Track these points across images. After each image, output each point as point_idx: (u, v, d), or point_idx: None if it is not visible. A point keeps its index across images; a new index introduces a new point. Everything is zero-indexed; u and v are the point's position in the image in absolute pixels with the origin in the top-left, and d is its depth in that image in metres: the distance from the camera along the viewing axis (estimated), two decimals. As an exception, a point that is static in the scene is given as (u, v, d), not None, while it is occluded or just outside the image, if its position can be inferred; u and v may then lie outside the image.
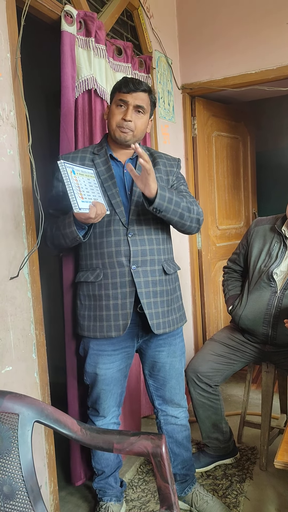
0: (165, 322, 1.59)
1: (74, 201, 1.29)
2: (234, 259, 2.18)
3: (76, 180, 1.34)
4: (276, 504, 1.82)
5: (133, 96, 1.52)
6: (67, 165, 1.32)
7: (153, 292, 1.56)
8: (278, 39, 2.56)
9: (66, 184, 1.30)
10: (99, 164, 1.58)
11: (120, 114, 1.53)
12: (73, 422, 1.19)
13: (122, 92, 1.52)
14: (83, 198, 1.33)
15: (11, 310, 1.46)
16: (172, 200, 1.47)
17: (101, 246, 1.56)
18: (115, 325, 1.55)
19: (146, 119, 1.58)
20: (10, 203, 1.45)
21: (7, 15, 1.44)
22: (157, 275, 1.57)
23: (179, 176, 1.70)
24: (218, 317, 3.27)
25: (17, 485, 1.11)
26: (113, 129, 1.55)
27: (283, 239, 1.93)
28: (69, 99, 1.79)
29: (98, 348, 1.62)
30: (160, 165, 1.64)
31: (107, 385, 1.64)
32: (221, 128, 3.23)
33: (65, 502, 1.90)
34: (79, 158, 1.59)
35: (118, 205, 1.54)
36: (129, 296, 1.54)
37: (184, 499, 1.81)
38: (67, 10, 1.73)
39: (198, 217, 1.59)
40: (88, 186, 1.39)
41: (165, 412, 1.74)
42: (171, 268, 1.64)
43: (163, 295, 1.59)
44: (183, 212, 1.52)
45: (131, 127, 1.53)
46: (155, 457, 1.11)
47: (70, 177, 1.31)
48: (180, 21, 2.84)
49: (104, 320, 1.57)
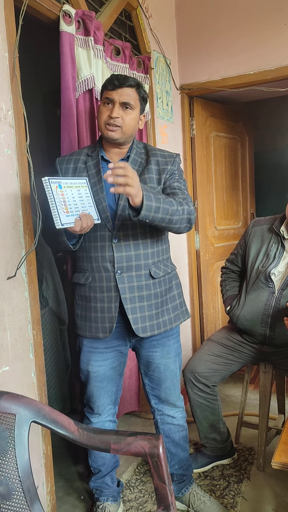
0: (152, 325, 1.58)
1: (57, 217, 1.31)
2: (232, 260, 2.18)
3: (62, 194, 1.35)
4: (274, 504, 1.82)
5: (119, 93, 1.49)
6: (52, 181, 1.33)
7: (139, 297, 1.56)
8: (277, 40, 2.56)
9: (49, 200, 1.31)
10: (90, 167, 1.57)
11: (107, 112, 1.50)
12: (70, 422, 1.19)
13: (108, 89, 1.50)
14: (69, 212, 1.35)
15: (8, 310, 1.45)
16: (159, 208, 1.38)
17: (89, 250, 1.57)
18: (102, 327, 1.58)
19: (136, 115, 1.54)
20: (7, 203, 1.45)
21: (5, 15, 1.43)
22: (143, 279, 1.56)
23: (175, 173, 1.62)
24: (216, 317, 3.27)
25: (14, 486, 1.11)
26: (102, 128, 1.53)
27: (281, 239, 1.93)
28: (70, 99, 1.79)
29: (90, 345, 1.64)
30: (152, 164, 1.59)
31: (100, 382, 1.65)
32: (219, 129, 3.23)
33: (62, 503, 1.89)
34: (73, 161, 1.59)
35: (104, 211, 1.52)
36: (114, 301, 1.55)
37: (182, 499, 1.81)
38: (66, 9, 1.73)
39: (189, 216, 1.52)
40: (77, 198, 1.40)
41: (161, 412, 1.74)
42: (161, 270, 1.60)
43: (150, 298, 1.58)
44: (172, 218, 1.44)
45: (118, 122, 1.49)
46: (152, 457, 1.11)
47: (55, 193, 1.32)
48: (179, 21, 2.84)
49: (92, 321, 1.60)
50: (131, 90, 1.51)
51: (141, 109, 1.57)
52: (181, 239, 2.89)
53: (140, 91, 1.54)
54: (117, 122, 1.49)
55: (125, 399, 2.43)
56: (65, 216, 1.33)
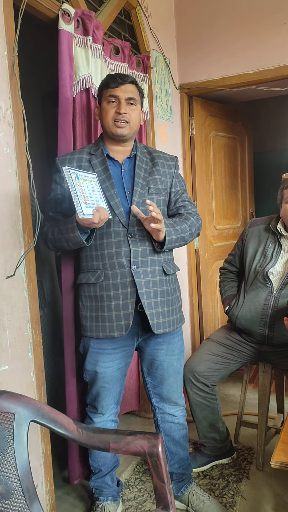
0: (165, 322, 1.59)
1: (79, 207, 1.30)
2: (230, 260, 2.18)
3: (80, 185, 1.35)
4: (273, 503, 1.82)
5: (122, 90, 1.53)
6: (71, 171, 1.33)
7: (154, 292, 1.56)
8: (276, 40, 2.56)
9: (71, 190, 1.31)
10: (96, 165, 1.58)
11: (113, 109, 1.53)
12: (69, 421, 1.19)
13: (110, 87, 1.53)
14: (87, 203, 1.34)
15: (7, 309, 1.45)
16: (178, 239, 1.56)
17: (102, 248, 1.56)
18: (117, 325, 1.56)
19: (139, 110, 1.59)
20: (6, 202, 1.44)
21: (4, 13, 1.43)
22: (157, 275, 1.58)
23: (180, 180, 1.70)
24: (215, 316, 3.27)
25: (13, 485, 1.11)
26: (109, 126, 1.55)
27: (278, 239, 1.93)
28: (67, 98, 1.79)
29: (98, 346, 1.63)
30: (159, 166, 1.64)
31: (107, 383, 1.65)
32: (218, 128, 3.23)
33: (62, 502, 1.89)
34: (76, 159, 1.59)
35: (117, 206, 1.53)
36: (130, 297, 1.54)
37: (181, 498, 1.81)
38: (65, 8, 1.73)
39: (199, 231, 1.68)
40: (91, 191, 1.40)
41: (162, 410, 1.74)
42: (171, 268, 1.64)
43: (163, 295, 1.59)
44: (186, 241, 1.61)
45: (126, 118, 1.53)
46: (152, 456, 1.11)
47: (75, 183, 1.32)
48: (178, 20, 2.84)
49: (106, 321, 1.57)
50: (133, 86, 1.56)
51: (141, 104, 1.62)
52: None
53: (139, 87, 1.60)
54: (125, 117, 1.53)
55: (125, 399, 2.43)
56: (85, 207, 1.33)
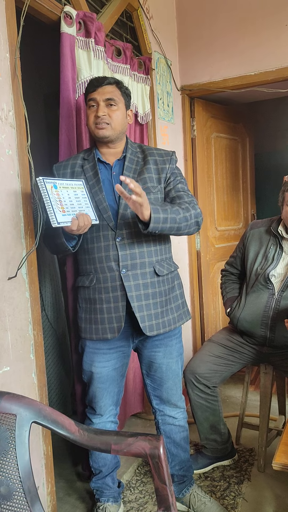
0: (159, 323, 1.59)
1: (52, 215, 1.33)
2: (231, 262, 2.18)
3: (58, 194, 1.38)
4: (274, 505, 1.82)
5: (100, 92, 1.53)
6: (46, 181, 1.36)
7: (145, 295, 1.56)
8: (277, 41, 2.56)
9: (45, 199, 1.34)
10: (87, 170, 1.59)
11: (94, 112, 1.54)
12: (70, 422, 1.19)
13: (89, 92, 1.55)
14: (65, 211, 1.37)
15: (9, 310, 1.45)
16: (167, 219, 1.43)
17: (92, 252, 1.58)
18: (109, 327, 1.58)
19: (121, 110, 1.57)
20: (8, 203, 1.45)
21: (6, 15, 1.44)
22: (148, 277, 1.57)
23: (176, 172, 1.65)
24: (217, 318, 3.27)
25: (14, 486, 1.11)
26: (92, 130, 1.56)
27: (279, 241, 1.93)
28: (70, 101, 1.79)
29: (94, 346, 1.64)
30: (150, 163, 1.61)
31: (103, 383, 1.65)
32: (220, 130, 3.23)
33: (63, 503, 1.89)
34: (70, 165, 1.62)
35: (105, 210, 1.54)
36: (121, 300, 1.55)
37: (182, 500, 1.81)
38: (67, 11, 1.73)
39: (197, 219, 1.56)
40: (73, 198, 1.42)
41: (162, 412, 1.74)
42: (165, 269, 1.62)
43: (156, 296, 1.58)
44: (180, 225, 1.49)
45: (106, 120, 1.52)
46: (153, 458, 1.11)
47: (50, 192, 1.35)
48: (180, 22, 2.85)
49: (99, 323, 1.59)
50: (111, 87, 1.55)
51: (126, 104, 1.60)
52: (182, 239, 2.88)
53: (121, 87, 1.58)
54: (105, 119, 1.52)
55: (130, 401, 2.41)
56: (61, 215, 1.35)
